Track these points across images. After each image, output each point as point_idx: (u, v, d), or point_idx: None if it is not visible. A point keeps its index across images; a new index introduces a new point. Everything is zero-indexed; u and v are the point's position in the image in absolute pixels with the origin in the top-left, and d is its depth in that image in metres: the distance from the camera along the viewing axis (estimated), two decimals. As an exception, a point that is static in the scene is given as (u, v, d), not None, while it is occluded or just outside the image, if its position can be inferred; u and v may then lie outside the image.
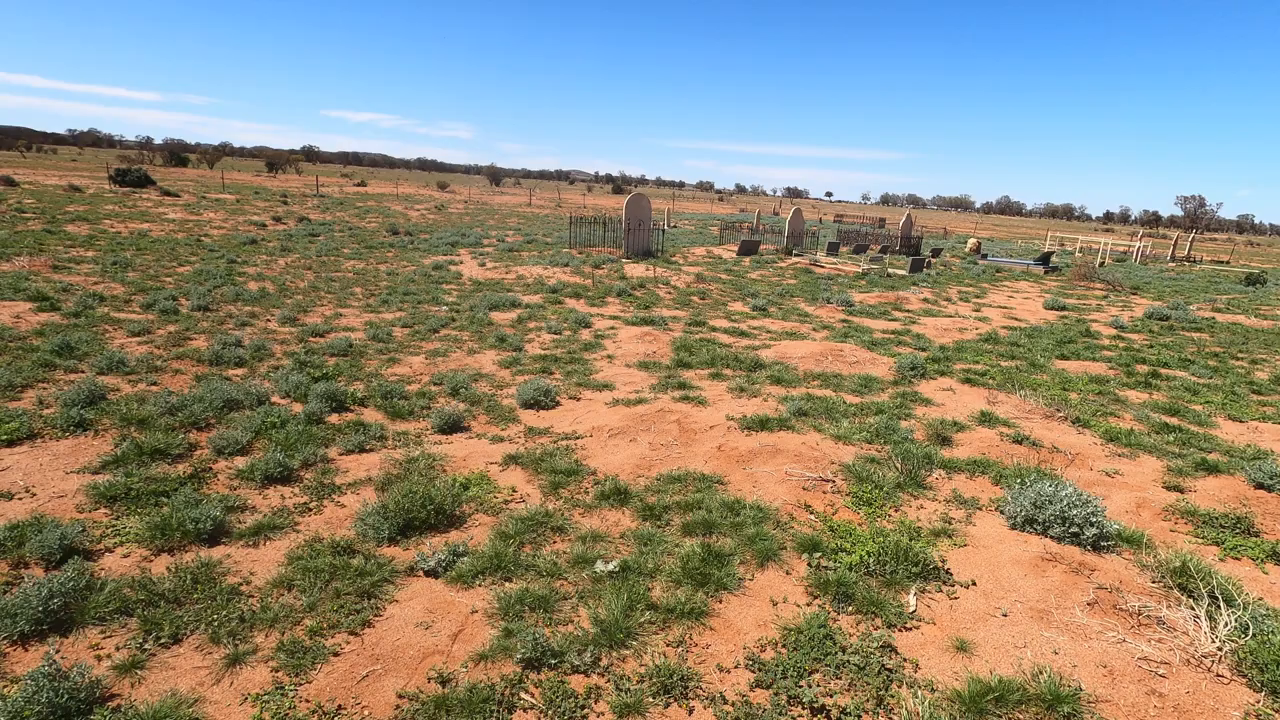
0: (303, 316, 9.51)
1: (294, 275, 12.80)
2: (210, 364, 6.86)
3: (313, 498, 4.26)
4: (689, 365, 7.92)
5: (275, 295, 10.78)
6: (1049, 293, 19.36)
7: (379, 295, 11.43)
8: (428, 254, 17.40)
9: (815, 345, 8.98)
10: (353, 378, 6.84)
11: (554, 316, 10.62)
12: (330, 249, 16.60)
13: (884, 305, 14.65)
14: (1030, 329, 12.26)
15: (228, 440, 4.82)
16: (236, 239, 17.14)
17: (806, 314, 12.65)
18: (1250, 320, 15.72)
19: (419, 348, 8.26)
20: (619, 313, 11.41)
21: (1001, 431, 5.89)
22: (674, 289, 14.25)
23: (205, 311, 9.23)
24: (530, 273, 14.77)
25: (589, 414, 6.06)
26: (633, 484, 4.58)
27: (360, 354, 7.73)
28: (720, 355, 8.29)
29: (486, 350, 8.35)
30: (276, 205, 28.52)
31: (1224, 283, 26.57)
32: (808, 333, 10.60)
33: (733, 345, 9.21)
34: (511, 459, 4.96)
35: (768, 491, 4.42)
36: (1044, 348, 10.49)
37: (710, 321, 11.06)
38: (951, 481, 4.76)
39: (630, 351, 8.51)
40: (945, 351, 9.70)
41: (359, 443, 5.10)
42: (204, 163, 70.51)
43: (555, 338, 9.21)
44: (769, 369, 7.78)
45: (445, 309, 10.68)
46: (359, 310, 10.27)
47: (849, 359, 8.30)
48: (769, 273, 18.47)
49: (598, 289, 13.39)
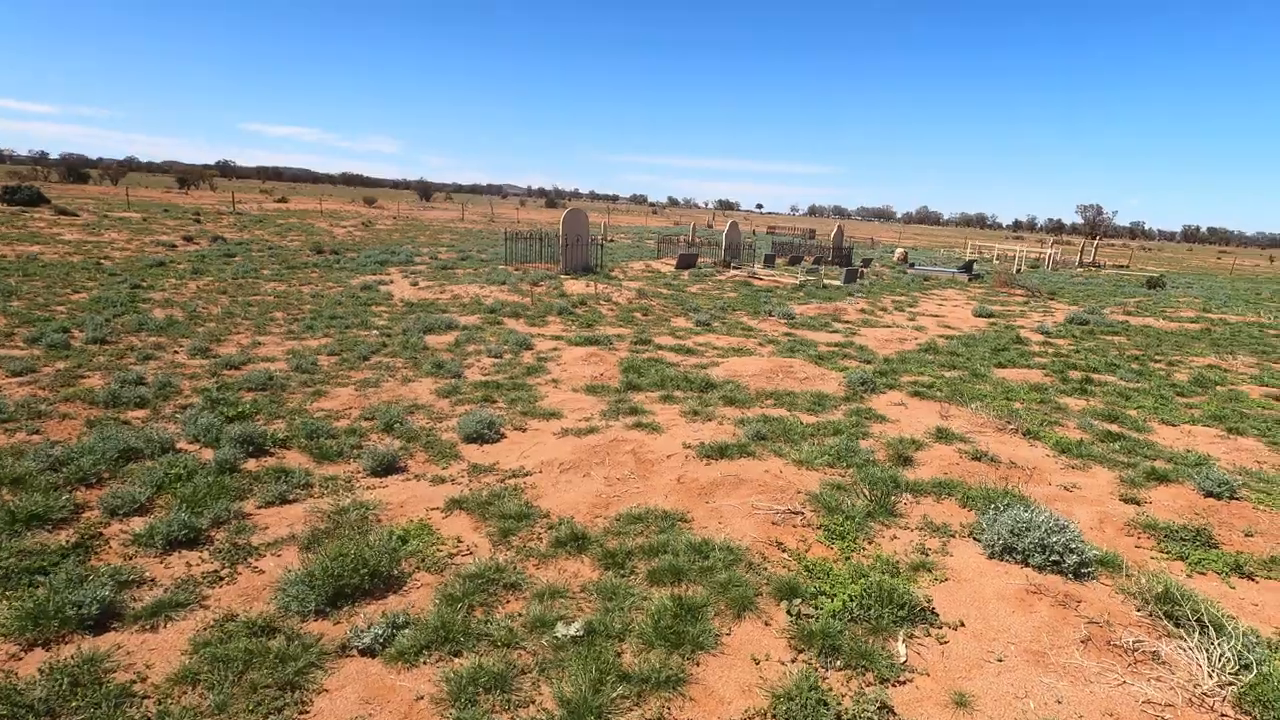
0: (216, 347, 8.73)
1: (207, 300, 11.87)
2: (106, 406, 6.12)
3: (225, 564, 3.72)
4: (639, 387, 7.62)
5: (185, 323, 9.90)
6: (975, 300, 20.03)
7: (302, 320, 10.68)
8: (356, 274, 16.56)
9: (764, 362, 8.83)
10: (273, 415, 6.22)
11: (494, 338, 10.15)
12: (248, 270, 15.57)
13: (824, 317, 14.76)
14: (965, 337, 12.54)
15: (123, 498, 4.21)
16: (142, 261, 15.88)
17: (750, 328, 12.58)
18: (1159, 323, 16.63)
19: (348, 378, 7.66)
20: (561, 332, 11.02)
21: (959, 448, 5.82)
22: (616, 305, 13.96)
23: (102, 344, 8.34)
24: (466, 292, 14.21)
25: (537, 447, 5.67)
26: (590, 526, 4.22)
27: (282, 387, 7.09)
28: (670, 376, 8.02)
29: (423, 378, 7.82)
30: (188, 224, 26.81)
31: (1128, 286, 28.25)
32: (754, 348, 10.47)
33: (681, 364, 8.97)
34: (455, 503, 4.52)
35: (735, 528, 4.14)
36: (981, 356, 10.70)
37: (656, 339, 10.81)
38: (920, 506, 4.60)
39: (576, 374, 8.15)
40: (890, 364, 9.73)
41: (280, 493, 4.55)
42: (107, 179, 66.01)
43: (496, 361, 8.75)
44: (721, 389, 7.56)
45: (376, 333, 10.05)
46: (280, 337, 9.53)
47: (799, 375, 8.18)
48: (709, 286, 18.43)
49: (538, 308, 12.97)
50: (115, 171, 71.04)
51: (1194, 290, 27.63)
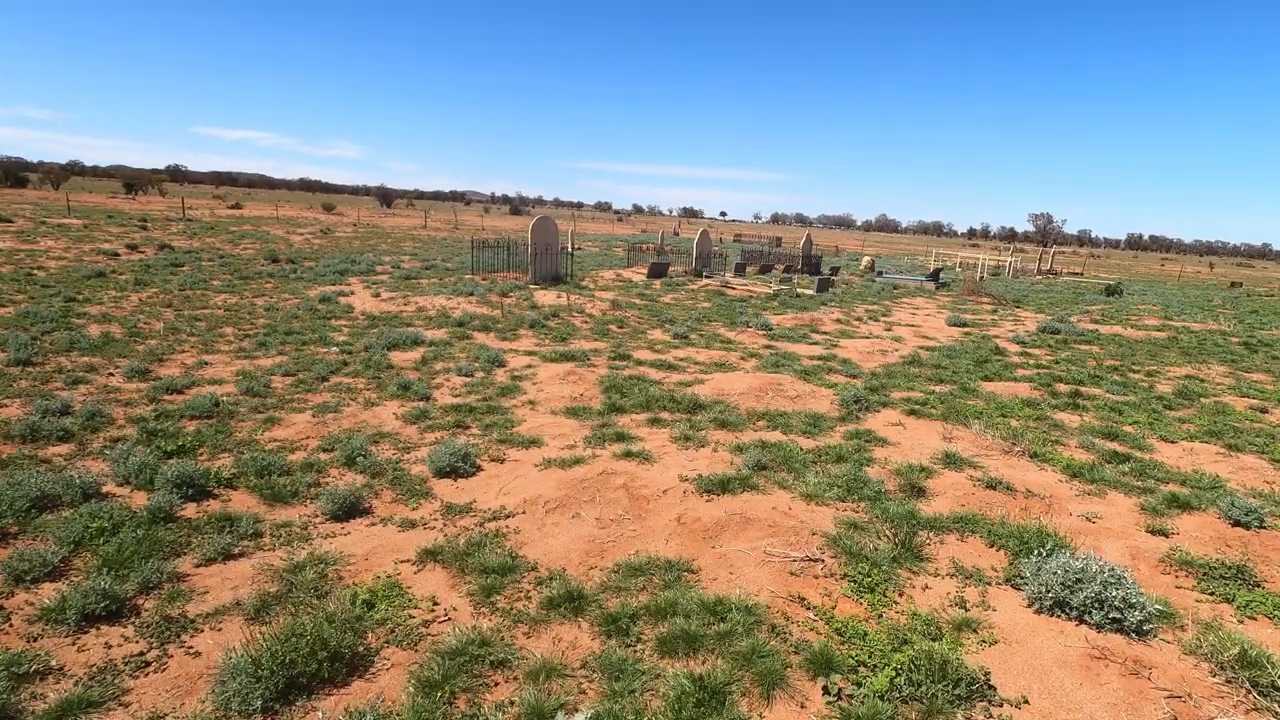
0: (157, 367, 7.97)
1: (149, 314, 11.01)
2: (23, 440, 5.39)
3: (153, 643, 3.12)
4: (622, 409, 7.13)
5: (123, 341, 9.09)
6: (946, 309, 20.05)
7: (255, 336, 9.93)
8: (313, 284, 15.73)
9: (751, 379, 8.42)
10: (218, 448, 5.57)
11: (463, 355, 9.55)
12: (196, 281, 14.64)
13: (801, 328, 14.48)
14: (945, 349, 12.35)
15: (30, 561, 3.56)
16: (79, 271, 14.82)
17: (730, 341, 12.20)
18: (1127, 331, 16.77)
19: (304, 401, 7.01)
20: (534, 347, 10.47)
21: (971, 475, 5.47)
22: (589, 317, 13.46)
23: (26, 367, 7.53)
24: (432, 304, 13.54)
25: (518, 481, 5.14)
26: (585, 581, 3.72)
27: (230, 414, 6.41)
28: (655, 395, 7.56)
29: (387, 401, 7.21)
30: (133, 231, 25.43)
31: (1087, 294, 28.76)
32: (736, 362, 10.08)
33: (664, 381, 8.51)
34: (429, 554, 3.97)
35: (749, 580, 3.68)
36: (966, 369, 10.49)
37: (634, 354, 10.33)
38: (945, 546, 4.21)
39: (554, 395, 7.62)
40: (877, 378, 9.43)
41: (223, 546, 3.94)
42: (48, 183, 62.92)
43: (467, 381, 8.17)
44: (710, 410, 7.12)
45: (336, 350, 9.37)
46: (230, 356, 8.79)
47: (789, 393, 7.79)
48: (682, 296, 18.05)
49: (508, 320, 12.39)
50: (57, 175, 67.74)
51: (1149, 297, 28.25)
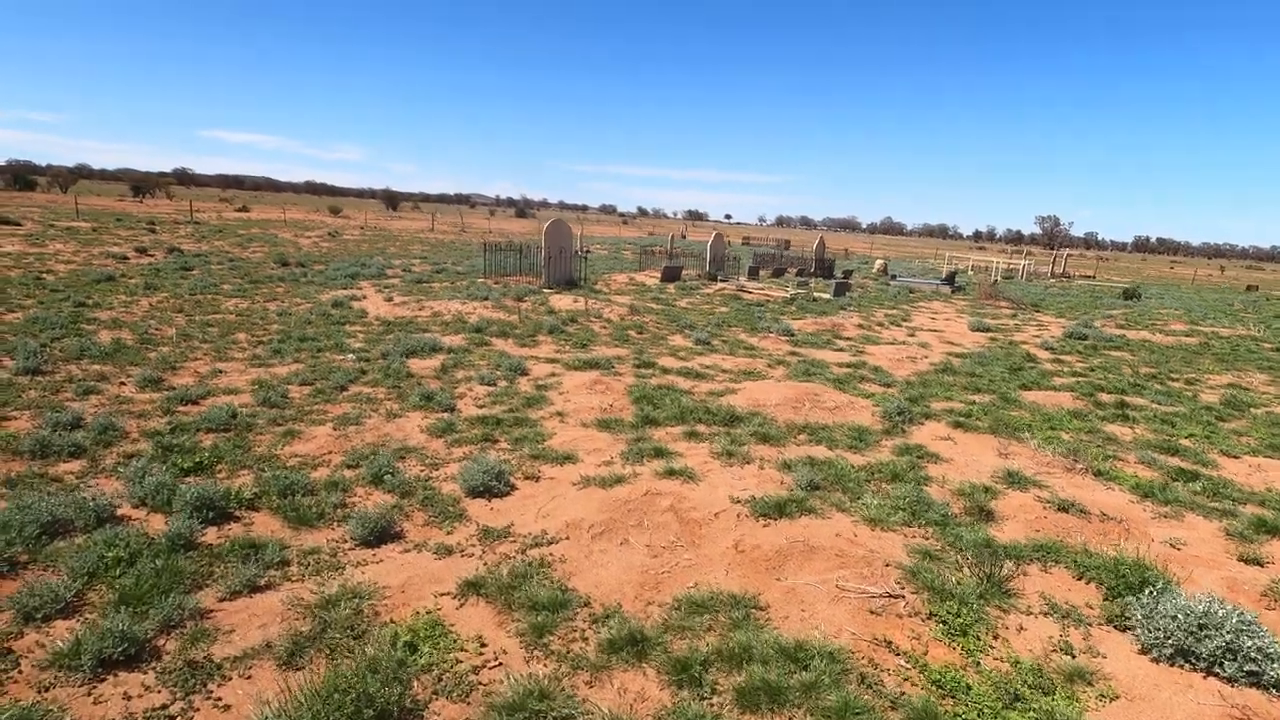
0: (170, 376, 7.69)
1: (161, 320, 10.74)
2: (32, 457, 5.10)
3: (176, 693, 2.81)
4: (656, 421, 6.81)
5: (135, 348, 8.81)
6: (965, 313, 19.69)
7: (269, 343, 9.65)
8: (325, 288, 15.47)
9: (785, 388, 8.10)
10: (238, 465, 5.27)
11: (483, 362, 9.25)
12: (207, 285, 14.39)
13: (823, 333, 14.16)
14: (975, 355, 12.00)
15: (41, 596, 3.26)
16: (89, 275, 14.59)
17: (753, 347, 11.88)
18: (1156, 337, 16.38)
19: (324, 413, 6.72)
20: (555, 354, 10.17)
21: (1037, 495, 5.13)
22: (608, 323, 13.15)
23: (35, 376, 7.25)
24: (447, 308, 13.26)
25: (556, 501, 4.83)
26: (644, 618, 3.40)
27: (248, 427, 6.12)
28: (688, 407, 7.24)
29: (410, 412, 6.91)
30: (142, 234, 25.26)
31: (1105, 297, 28.32)
32: (764, 370, 9.76)
33: (694, 391, 8.19)
34: (470, 586, 3.66)
35: (825, 618, 3.36)
36: (1001, 377, 10.14)
37: (657, 360, 10.02)
38: (1030, 579, 3.88)
39: (583, 405, 7.31)
40: (912, 387, 9.10)
41: (249, 577, 3.64)
42: (56, 186, 63.02)
43: (490, 390, 7.87)
44: (748, 422, 6.80)
45: (353, 358, 9.08)
46: (244, 364, 8.51)
47: (827, 404, 7.47)
48: (698, 300, 17.73)
49: (526, 326, 12.09)
50: (65, 179, 67.88)
51: (1167, 301, 27.80)
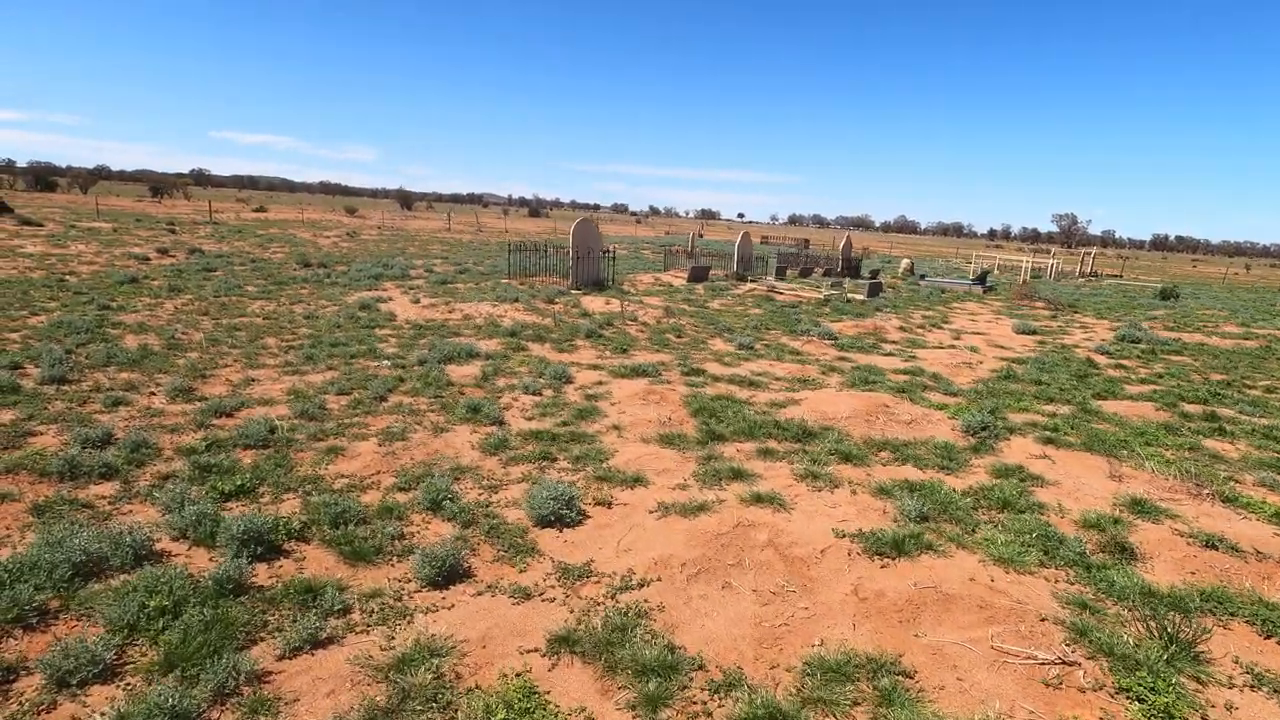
0: (201, 385, 7.29)
1: (187, 324, 10.37)
2: (61, 479, 4.68)
3: (240, 787, 2.36)
4: (722, 437, 6.31)
5: (162, 354, 8.43)
6: (1003, 314, 19.06)
7: (299, 348, 9.24)
8: (349, 289, 15.09)
9: (851, 399, 7.57)
10: (281, 487, 4.83)
11: (524, 369, 8.79)
12: (231, 287, 14.04)
13: (866, 336, 13.61)
14: (1034, 361, 11.39)
15: (77, 657, 2.82)
16: (112, 277, 14.28)
17: (798, 351, 11.35)
18: (1212, 340, 15.68)
19: (366, 426, 6.27)
20: (597, 359, 9.70)
21: (1173, 528, 4.59)
22: (644, 326, 12.66)
23: (61, 385, 6.86)
24: (478, 311, 12.82)
25: (635, 533, 4.34)
26: (773, 686, 2.91)
27: (287, 443, 5.68)
28: (753, 420, 6.73)
29: (457, 425, 6.45)
30: (162, 235, 25.06)
31: (1140, 297, 27.48)
32: (818, 377, 9.24)
33: (753, 401, 7.68)
34: (561, 642, 3.18)
35: (988, 689, 2.86)
36: (1069, 385, 9.56)
37: (703, 366, 9.52)
38: (1213, 639, 3.34)
39: (639, 418, 6.83)
40: (979, 395, 8.55)
41: (310, 631, 3.18)
42: (76, 187, 63.37)
43: (537, 401, 7.40)
44: (821, 438, 6.29)
45: (388, 365, 8.65)
46: (276, 371, 8.10)
47: (901, 417, 6.94)
48: (730, 302, 17.20)
49: (561, 330, 11.62)
50: (85, 180, 68.33)
51: (1205, 301, 26.94)
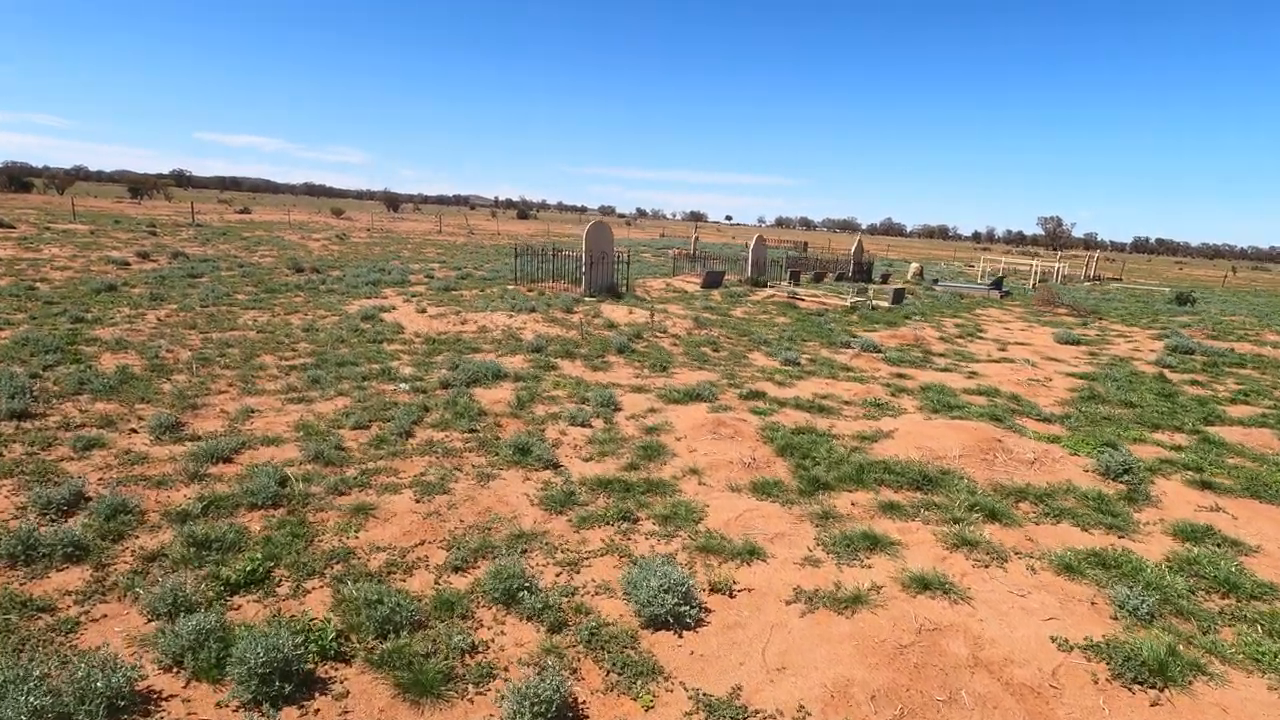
0: (191, 418, 6.16)
1: (172, 339, 9.20)
2: (12, 564, 3.56)
3: None
4: (825, 484, 5.27)
5: (144, 379, 7.27)
6: (1032, 321, 18.25)
7: (303, 369, 8.11)
8: (348, 297, 13.94)
9: (951, 431, 6.56)
10: (303, 570, 3.74)
11: (561, 392, 7.72)
12: (219, 295, 12.84)
13: (909, 348, 12.67)
14: (1105, 376, 10.45)
15: None
16: (88, 284, 13.03)
17: (849, 367, 10.36)
18: (1265, 350, 14.87)
19: (395, 472, 5.18)
20: (637, 379, 8.65)
21: None
22: (677, 339, 11.62)
23: (22, 422, 5.70)
24: (493, 322, 11.72)
25: (780, 639, 3.30)
26: None
27: (303, 499, 4.58)
28: (854, 462, 5.69)
29: (504, 470, 5.37)
30: (142, 237, 23.69)
31: (1155, 302, 26.81)
32: (890, 400, 8.24)
33: (833, 431, 6.65)
34: None
35: None
36: (1162, 406, 8.63)
37: (757, 387, 8.49)
38: None
39: (716, 458, 5.78)
40: (1075, 422, 7.59)
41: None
42: (52, 188, 61.30)
43: (588, 434, 6.34)
44: (947, 486, 5.27)
45: (406, 388, 7.54)
46: (279, 397, 6.97)
47: (1021, 454, 5.94)
48: (753, 310, 16.21)
49: (590, 344, 10.56)
50: (62, 181, 66.21)
51: (1219, 306, 26.30)
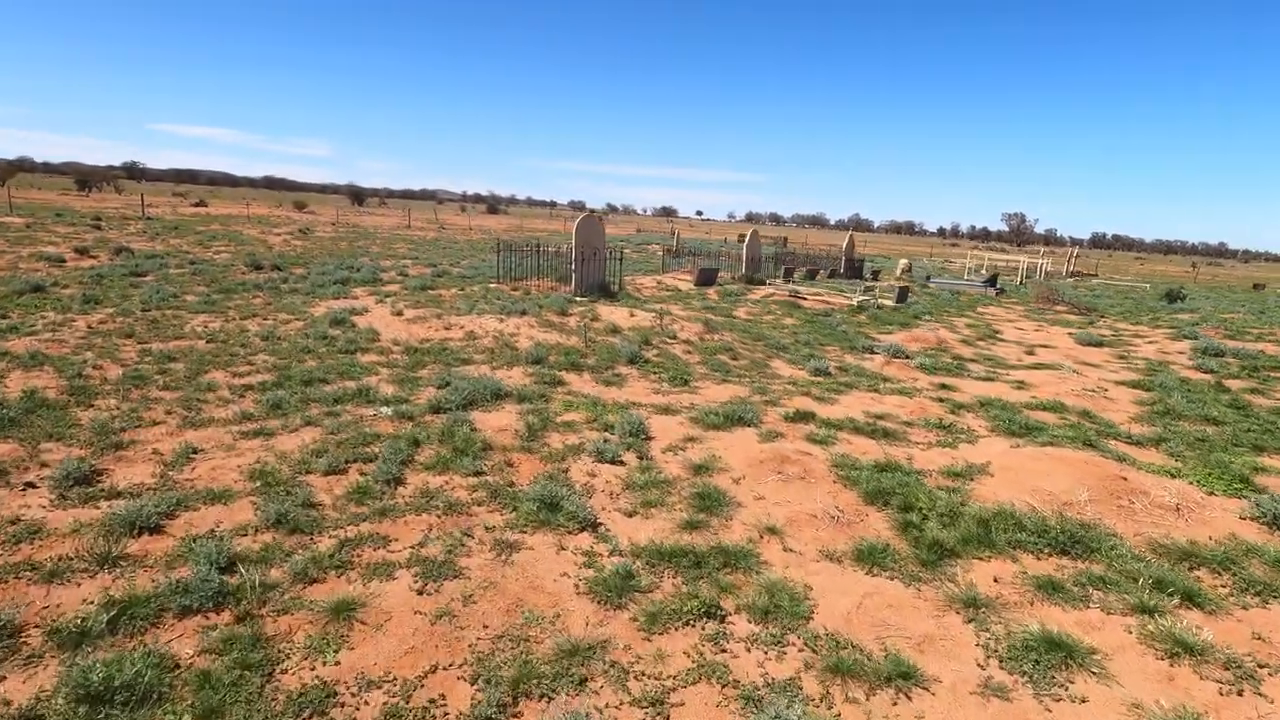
0: (113, 464, 4.78)
1: (102, 352, 7.72)
2: None
3: None
4: (947, 548, 4.12)
5: (59, 406, 5.84)
6: (1034, 318, 17.50)
7: (261, 389, 6.73)
8: (313, 298, 12.45)
9: (1054, 463, 5.47)
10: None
11: (577, 416, 6.46)
12: (165, 297, 11.27)
13: (934, 352, 11.69)
14: (1160, 385, 9.53)
15: None
16: (10, 284, 11.35)
17: (887, 378, 9.29)
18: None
19: (385, 541, 3.90)
20: (661, 397, 7.44)
21: None
22: (689, 345, 10.42)
23: (-126, 477, 4.28)
24: (480, 326, 10.38)
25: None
26: None
27: (261, 594, 3.28)
28: (970, 514, 4.55)
29: (528, 534, 4.11)
30: (85, 231, 21.66)
31: (1143, 299, 26.44)
32: (950, 418, 7.16)
33: (917, 464, 5.52)
34: None
35: None
36: (1243, 421, 7.71)
37: (799, 405, 7.34)
38: None
39: (792, 509, 4.59)
40: (1175, 446, 6.60)
41: None
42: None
43: (621, 474, 5.10)
44: (1096, 548, 4.16)
45: (388, 413, 6.21)
46: (229, 430, 5.60)
47: (1158, 498, 4.87)
48: (756, 310, 15.08)
49: (595, 352, 9.30)
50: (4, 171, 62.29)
51: (1204, 303, 25.99)
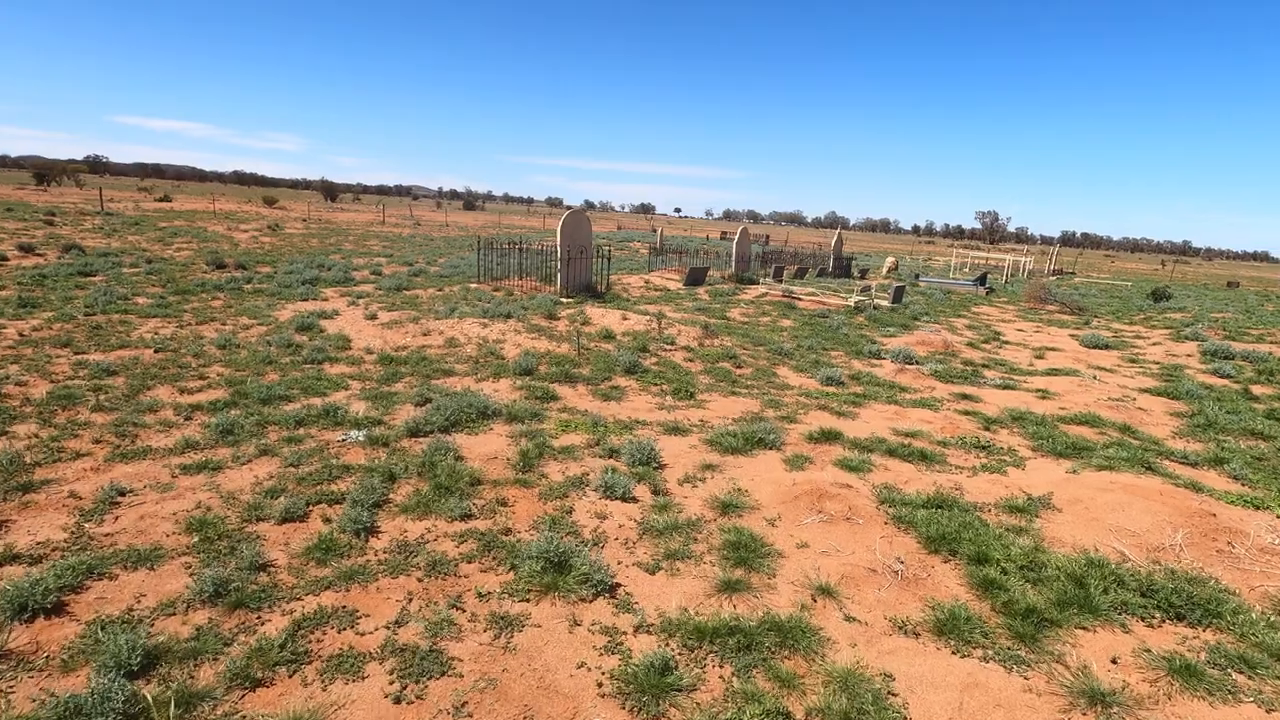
0: (15, 513, 3.89)
1: (31, 364, 6.75)
2: None
3: None
4: (1044, 617, 3.41)
5: (-39, 436, 4.91)
6: (1030, 318, 17.05)
7: (210, 408, 5.84)
8: (279, 300, 11.49)
9: (1136, 496, 4.79)
10: None
11: (576, 438, 5.66)
12: (113, 299, 10.25)
13: (940, 357, 11.10)
14: (1188, 394, 9.00)
15: None
16: (-65, 286, 10.25)
17: (901, 386, 8.63)
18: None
19: (352, 619, 3.09)
20: (666, 413, 6.68)
21: None
22: (689, 351, 9.67)
23: None
24: (462, 332, 9.52)
25: None
26: None
27: (187, 708, 2.46)
28: (1061, 569, 3.86)
29: (532, 603, 3.33)
30: (35, 227, 20.31)
31: (1133, 298, 26.28)
32: (986, 437, 6.51)
33: (969, 497, 4.83)
34: None
35: None
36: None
37: (814, 419, 6.64)
38: None
39: (842, 560, 3.86)
40: (1237, 468, 5.99)
41: None
42: (-62, 171, 54.91)
43: (635, 514, 4.33)
44: (1218, 613, 3.50)
45: (361, 438, 5.37)
46: (168, 461, 4.72)
47: (1259, 540, 4.21)
48: (750, 311, 14.39)
49: (590, 361, 8.50)
50: (-49, 163, 59.40)
51: (1189, 301, 25.92)
